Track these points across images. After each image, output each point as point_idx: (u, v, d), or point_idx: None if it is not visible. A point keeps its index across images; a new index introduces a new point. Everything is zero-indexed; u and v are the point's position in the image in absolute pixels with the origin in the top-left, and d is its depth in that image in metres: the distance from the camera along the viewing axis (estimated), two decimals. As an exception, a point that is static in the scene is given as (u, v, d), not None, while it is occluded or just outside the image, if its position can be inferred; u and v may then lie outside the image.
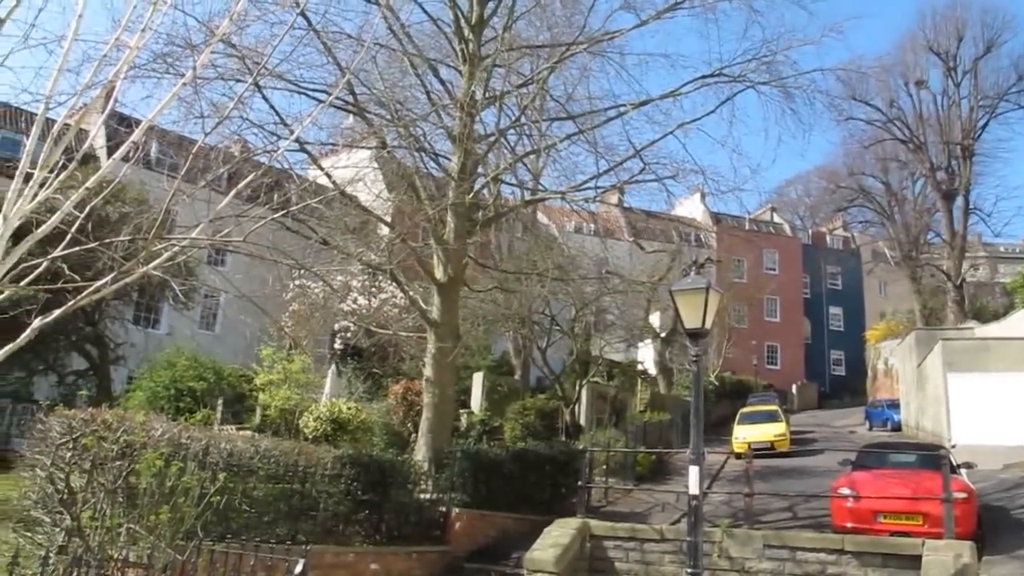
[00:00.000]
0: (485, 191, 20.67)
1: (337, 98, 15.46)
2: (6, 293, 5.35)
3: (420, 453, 17.92)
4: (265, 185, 12.26)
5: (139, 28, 5.84)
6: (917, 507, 13.35)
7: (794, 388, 62.50)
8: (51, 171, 5.44)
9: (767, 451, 27.23)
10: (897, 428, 39.32)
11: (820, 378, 69.85)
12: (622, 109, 18.77)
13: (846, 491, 14.21)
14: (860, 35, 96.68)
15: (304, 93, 16.89)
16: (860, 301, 73.66)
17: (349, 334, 30.35)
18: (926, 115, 52.88)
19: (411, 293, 19.86)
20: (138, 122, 5.92)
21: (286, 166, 16.84)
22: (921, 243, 55.31)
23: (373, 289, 28.74)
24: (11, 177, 5.38)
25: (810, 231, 78.98)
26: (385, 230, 21.26)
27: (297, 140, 15.65)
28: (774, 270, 70.04)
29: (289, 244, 17.59)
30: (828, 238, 78.38)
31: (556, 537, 14.14)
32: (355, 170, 18.94)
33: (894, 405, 41.55)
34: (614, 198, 36.96)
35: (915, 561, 11.89)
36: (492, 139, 19.84)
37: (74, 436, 10.01)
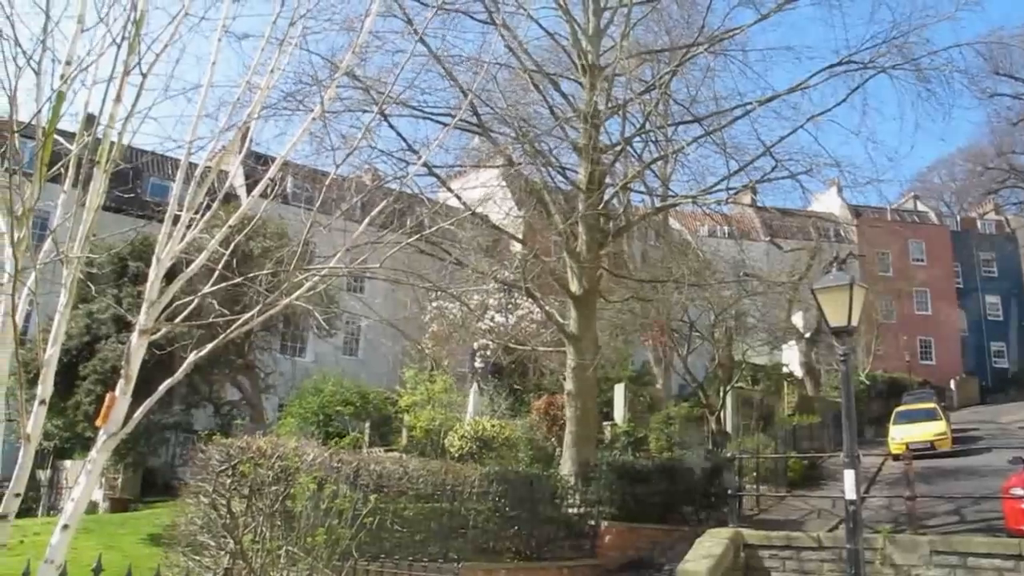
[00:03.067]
0: (615, 201, 20.57)
1: (461, 120, 15.70)
2: (162, 331, 5.61)
3: (565, 467, 17.91)
4: (397, 211, 12.55)
5: (268, 70, 6.06)
6: (1102, 507, 12.45)
7: (952, 383, 59.19)
8: (196, 212, 5.68)
9: (927, 451, 25.90)
10: (1073, 421, 36.75)
11: (981, 372, 65.91)
12: (748, 107, 18.38)
13: (1020, 491, 13.37)
14: (1000, 3, 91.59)
15: (429, 118, 17.30)
16: (1020, 287, 69.32)
17: (488, 352, 30.65)
18: (1081, 83, 49.58)
19: (547, 308, 19.90)
20: (273, 159, 6.13)
21: (416, 191, 17.27)
22: (1086, 221, 51.86)
23: (510, 306, 28.95)
24: (161, 221, 5.66)
25: (958, 217, 75.00)
26: (518, 247, 21.40)
27: (425, 164, 15.99)
28: (922, 261, 66.74)
29: (424, 267, 17.95)
30: (979, 223, 74.12)
31: (708, 548, 13.82)
32: (484, 189, 19.18)
33: (1068, 397, 38.85)
34: (747, 198, 36.22)
35: (1104, 566, 11.09)
36: (618, 148, 19.74)
37: (232, 463, 10.44)
